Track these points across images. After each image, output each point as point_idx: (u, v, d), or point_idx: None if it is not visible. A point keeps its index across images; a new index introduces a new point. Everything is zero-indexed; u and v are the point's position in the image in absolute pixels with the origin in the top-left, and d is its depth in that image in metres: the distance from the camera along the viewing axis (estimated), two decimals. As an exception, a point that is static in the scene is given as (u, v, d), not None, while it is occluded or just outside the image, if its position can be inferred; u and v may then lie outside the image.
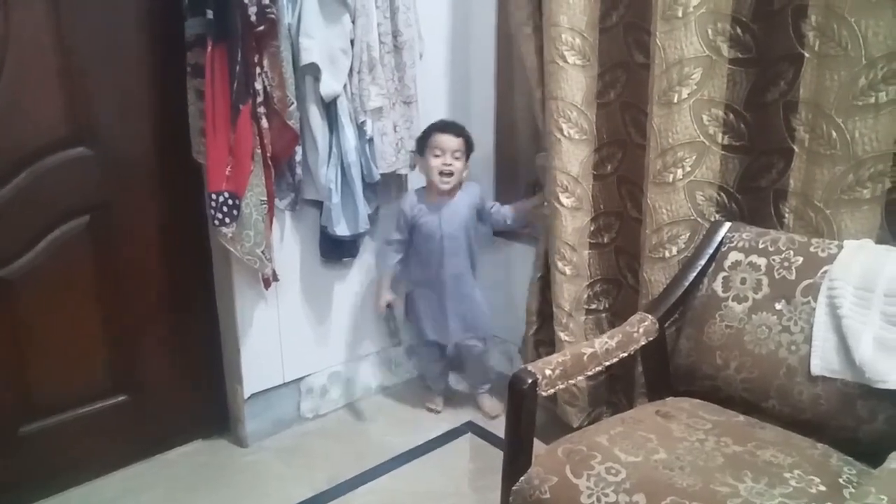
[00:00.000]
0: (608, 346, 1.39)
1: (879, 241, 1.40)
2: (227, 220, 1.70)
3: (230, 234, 1.72)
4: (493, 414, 2.18)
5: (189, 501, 1.83)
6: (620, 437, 1.29)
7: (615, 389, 1.97)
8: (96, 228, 1.78)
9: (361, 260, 2.20)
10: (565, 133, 1.81)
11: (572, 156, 1.82)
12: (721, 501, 1.08)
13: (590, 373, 1.37)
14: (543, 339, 2.07)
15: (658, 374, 1.55)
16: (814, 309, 1.35)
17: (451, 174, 1.96)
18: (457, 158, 1.96)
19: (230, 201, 1.70)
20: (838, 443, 1.28)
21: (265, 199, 1.77)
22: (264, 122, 1.74)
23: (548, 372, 1.27)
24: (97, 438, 1.89)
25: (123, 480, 1.92)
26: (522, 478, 1.24)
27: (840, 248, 1.38)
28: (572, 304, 1.91)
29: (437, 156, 1.95)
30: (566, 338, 1.92)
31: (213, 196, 1.68)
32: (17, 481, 1.75)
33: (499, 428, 1.66)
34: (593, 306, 1.97)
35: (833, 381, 1.30)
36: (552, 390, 1.27)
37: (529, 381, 1.23)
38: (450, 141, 1.95)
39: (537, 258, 2.05)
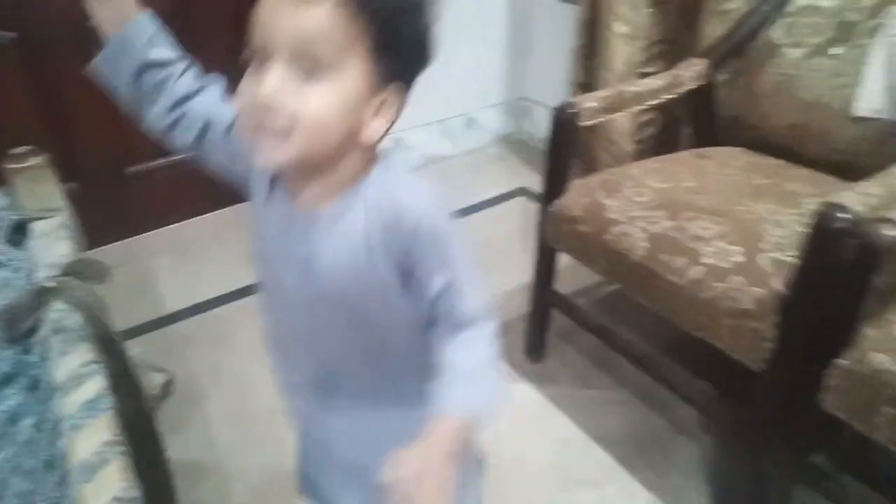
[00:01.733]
0: (654, 85, 1.44)
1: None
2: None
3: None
4: None
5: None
6: (654, 171, 1.40)
7: (659, 147, 2.02)
8: None
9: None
10: None
11: None
12: (736, 215, 1.19)
13: (634, 110, 1.44)
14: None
15: (704, 125, 1.60)
16: (871, 50, 1.33)
17: (278, 126, 0.58)
18: (310, 77, 0.57)
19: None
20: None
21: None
22: None
23: (588, 104, 1.35)
24: (188, 184, 2.14)
25: (212, 222, 2.18)
26: (557, 200, 1.38)
27: (913, -14, 1.32)
28: (627, 68, 1.91)
29: (260, 64, 0.58)
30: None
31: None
32: (124, 213, 2.02)
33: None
34: (649, 69, 1.96)
35: (874, 123, 1.32)
36: (592, 122, 1.36)
37: (571, 111, 1.32)
38: (291, 9, 0.55)
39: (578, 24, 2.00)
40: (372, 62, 0.58)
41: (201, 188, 2.15)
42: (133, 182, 2.00)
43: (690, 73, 1.50)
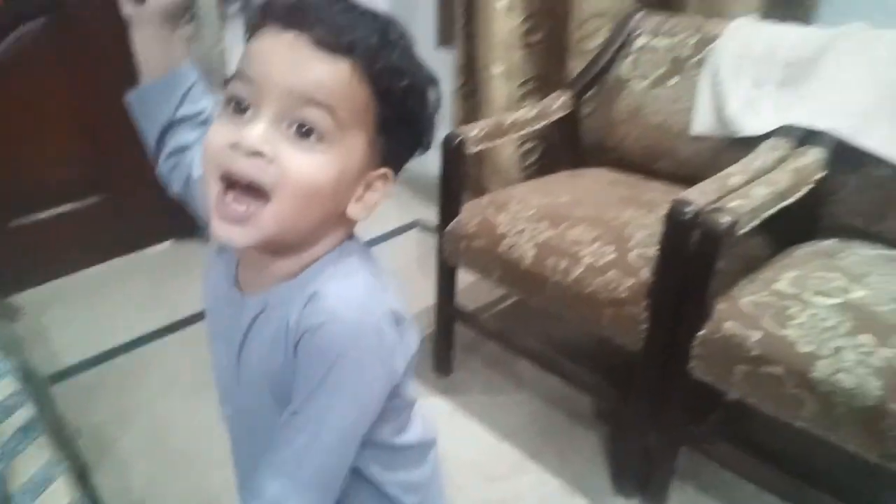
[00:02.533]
0: (527, 115, 1.63)
1: (764, 18, 1.61)
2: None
3: (187, 35, 1.83)
4: None
5: (173, 288, 2.07)
6: (535, 189, 1.57)
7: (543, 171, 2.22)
8: (56, 27, 1.87)
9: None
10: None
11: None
12: (607, 220, 1.37)
13: (512, 136, 1.61)
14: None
15: (574, 149, 1.81)
16: (699, 80, 1.59)
17: (256, 193, 0.51)
18: (302, 140, 0.51)
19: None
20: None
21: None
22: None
23: (473, 133, 1.50)
24: (78, 234, 2.10)
25: (107, 272, 2.15)
26: (453, 221, 1.51)
27: (727, 26, 1.60)
28: (506, 103, 2.12)
29: (236, 110, 0.52)
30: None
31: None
32: (8, 269, 1.92)
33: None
34: (525, 105, 2.18)
35: (708, 139, 1.57)
36: (478, 148, 1.51)
37: (458, 139, 1.47)
38: (289, 57, 0.50)
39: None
40: (372, 138, 0.53)
41: (88, 239, 2.11)
42: (17, 235, 1.93)
43: (557, 104, 1.71)
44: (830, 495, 1.08)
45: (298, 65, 0.49)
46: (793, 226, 1.32)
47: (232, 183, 0.50)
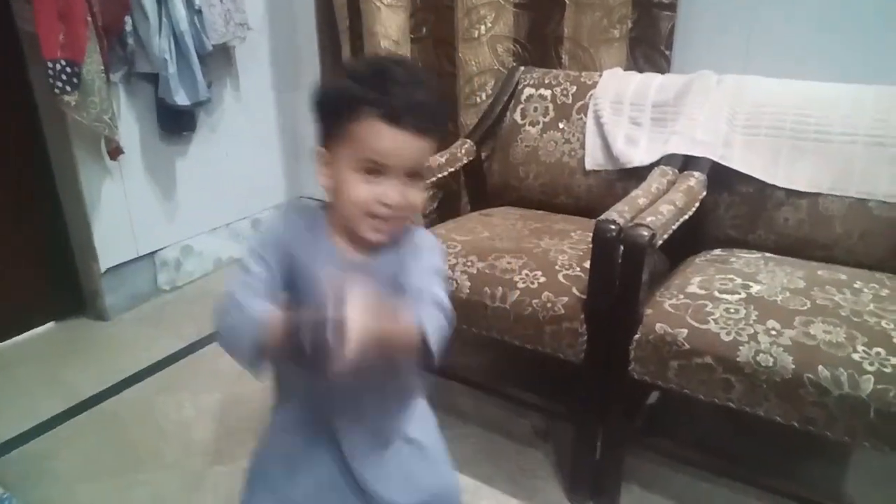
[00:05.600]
0: (438, 162, 1.73)
1: (627, 69, 1.86)
2: (68, 87, 1.73)
3: (73, 102, 1.75)
4: None
5: (63, 370, 1.91)
6: (455, 229, 1.65)
7: (444, 214, 2.33)
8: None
9: (200, 135, 2.30)
10: (384, 1, 2.06)
11: (391, 21, 2.08)
12: (527, 249, 1.48)
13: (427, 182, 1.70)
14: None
15: (478, 190, 1.94)
16: (585, 122, 1.80)
17: (394, 219, 0.84)
18: (413, 182, 0.84)
19: (68, 69, 1.72)
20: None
21: (104, 68, 1.81)
22: (92, -11, 1.76)
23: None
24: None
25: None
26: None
27: (600, 76, 1.83)
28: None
29: (370, 172, 0.81)
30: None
31: (50, 64, 1.69)
32: None
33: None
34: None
35: (600, 173, 1.76)
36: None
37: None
38: (407, 146, 0.80)
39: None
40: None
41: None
42: None
43: (462, 151, 1.83)
44: (754, 470, 1.23)
45: (412, 150, 0.81)
46: (683, 239, 1.52)
47: (377, 216, 0.82)
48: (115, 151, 1.94)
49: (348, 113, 0.79)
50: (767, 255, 1.49)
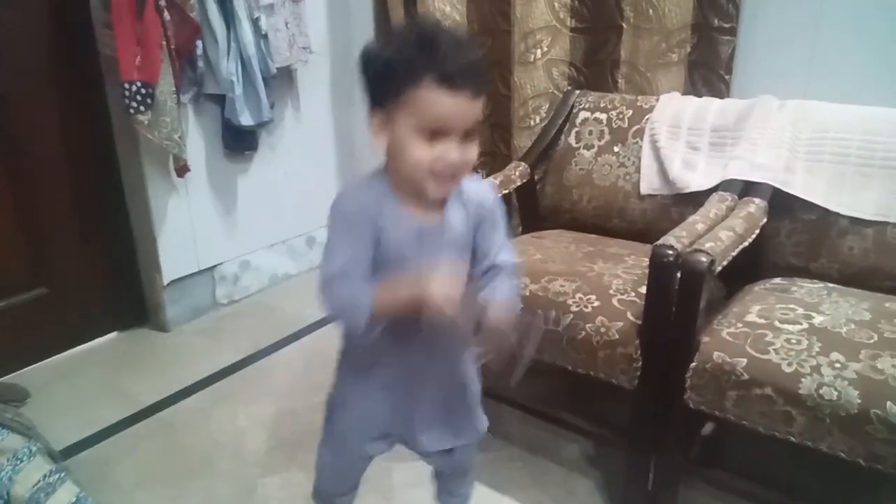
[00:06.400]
0: (493, 183, 1.75)
1: (685, 93, 1.85)
2: (142, 107, 1.82)
3: (146, 122, 1.84)
4: None
5: (125, 379, 1.98)
6: (507, 251, 1.66)
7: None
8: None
9: (260, 154, 2.38)
10: (442, 25, 2.10)
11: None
12: (581, 272, 1.47)
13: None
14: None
15: (530, 213, 1.94)
16: (641, 146, 1.79)
17: (455, 176, 0.90)
18: (471, 140, 0.88)
19: (143, 90, 1.82)
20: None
21: (175, 89, 1.90)
22: (166, 15, 1.86)
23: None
24: (21, 330, 1.97)
25: (53, 368, 2.03)
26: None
27: (657, 100, 1.82)
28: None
29: (432, 137, 0.85)
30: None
31: (127, 85, 1.79)
32: None
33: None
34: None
35: (655, 198, 1.74)
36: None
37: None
38: (464, 109, 0.84)
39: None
40: None
41: (30, 334, 1.99)
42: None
43: (517, 173, 1.84)
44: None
45: (468, 112, 0.85)
46: (741, 266, 1.49)
47: (441, 175, 0.88)
48: (182, 169, 2.03)
49: (404, 78, 0.82)
50: (830, 285, 1.44)
